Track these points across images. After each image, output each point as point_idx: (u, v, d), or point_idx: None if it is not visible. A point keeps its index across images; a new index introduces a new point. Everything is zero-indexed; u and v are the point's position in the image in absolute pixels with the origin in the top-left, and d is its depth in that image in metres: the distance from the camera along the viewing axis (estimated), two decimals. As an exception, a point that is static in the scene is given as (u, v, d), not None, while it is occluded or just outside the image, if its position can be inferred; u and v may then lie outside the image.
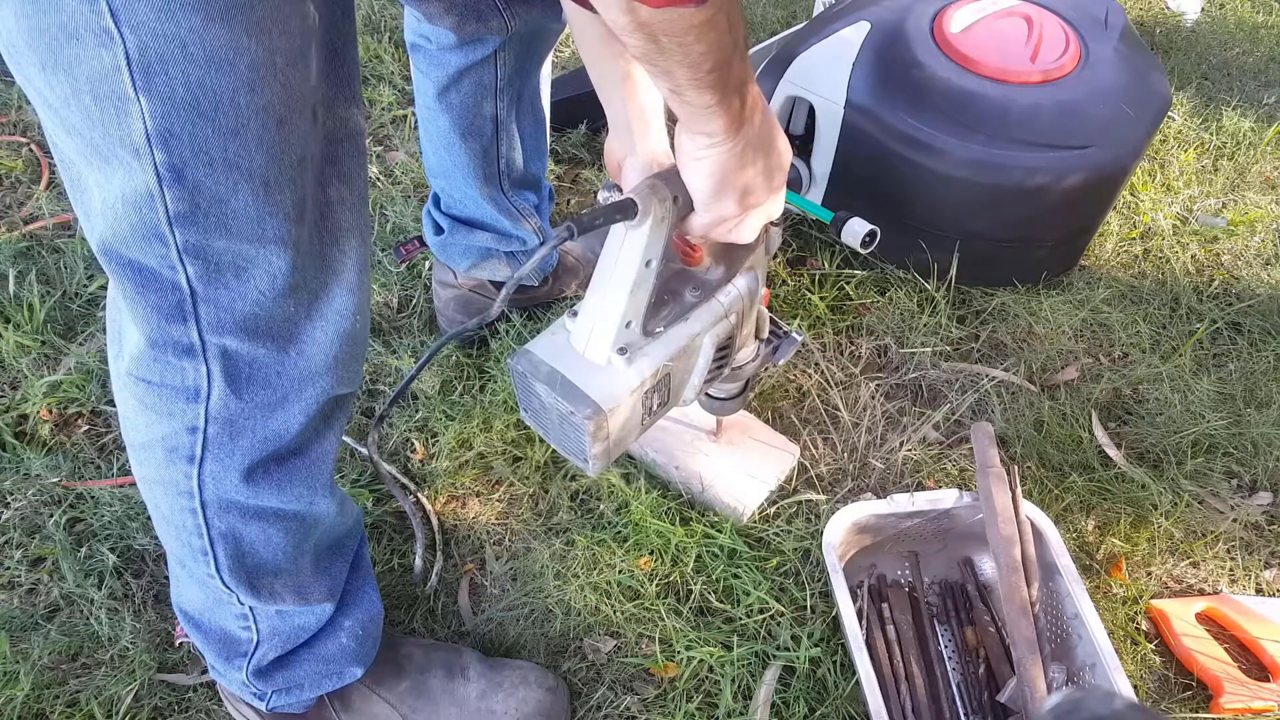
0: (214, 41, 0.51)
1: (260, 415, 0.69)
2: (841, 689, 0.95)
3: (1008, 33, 1.31)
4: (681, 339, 0.76)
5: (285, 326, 0.66)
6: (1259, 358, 1.31)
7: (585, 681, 0.98)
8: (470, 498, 1.13)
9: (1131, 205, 1.54)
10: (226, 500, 0.72)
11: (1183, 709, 0.97)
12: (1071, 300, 1.37)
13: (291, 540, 0.77)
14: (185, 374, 0.66)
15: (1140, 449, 1.20)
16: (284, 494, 0.74)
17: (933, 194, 1.26)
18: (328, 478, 0.78)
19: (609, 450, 0.75)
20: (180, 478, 0.71)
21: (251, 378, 0.67)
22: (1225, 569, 1.09)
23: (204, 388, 0.66)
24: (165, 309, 0.62)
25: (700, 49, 0.52)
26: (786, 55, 1.31)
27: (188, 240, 0.59)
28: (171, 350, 0.65)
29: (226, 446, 0.69)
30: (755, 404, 1.22)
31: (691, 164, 0.64)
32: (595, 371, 0.72)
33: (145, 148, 0.54)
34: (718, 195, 0.65)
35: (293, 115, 0.58)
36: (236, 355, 0.66)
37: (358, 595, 0.86)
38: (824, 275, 1.38)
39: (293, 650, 0.83)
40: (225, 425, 0.68)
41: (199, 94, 0.53)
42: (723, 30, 0.52)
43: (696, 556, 1.05)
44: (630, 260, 0.67)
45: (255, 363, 0.67)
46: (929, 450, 1.18)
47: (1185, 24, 2.02)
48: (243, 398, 0.67)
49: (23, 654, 0.97)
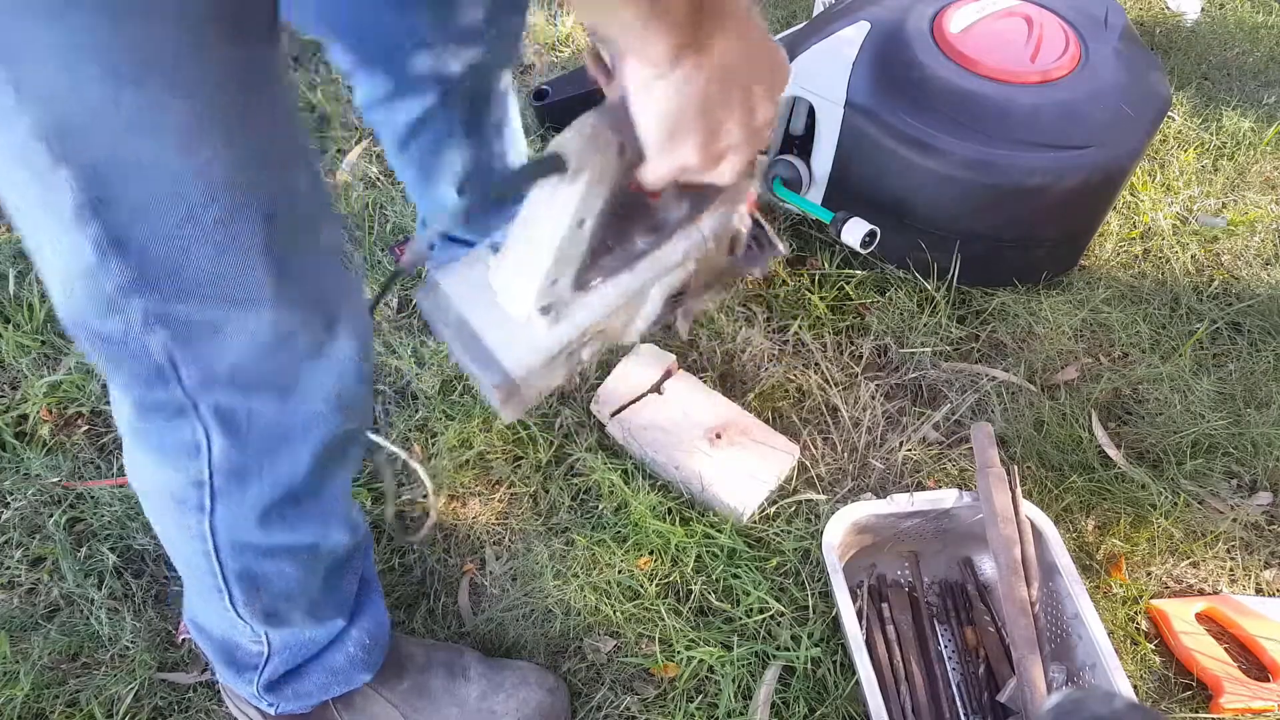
0: (130, 106, 0.47)
1: (268, 462, 0.66)
2: (841, 689, 0.95)
3: (1007, 33, 1.31)
4: (621, 293, 0.61)
5: (281, 376, 0.62)
6: (1259, 358, 1.31)
7: (585, 681, 0.98)
8: (470, 498, 1.13)
9: (1131, 205, 1.54)
10: (240, 543, 0.71)
11: (1183, 709, 0.97)
12: (1071, 300, 1.37)
13: (306, 570, 0.76)
14: (181, 432, 0.62)
15: (1140, 449, 1.20)
16: (299, 532, 0.73)
17: (933, 194, 1.26)
18: (344, 511, 0.77)
19: (522, 405, 0.63)
20: (192, 524, 0.69)
21: (252, 428, 0.64)
22: (1225, 569, 1.09)
23: (203, 443, 0.63)
24: (144, 376, 0.59)
25: None
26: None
27: (147, 308, 0.55)
28: (161, 414, 0.62)
29: (236, 496, 0.67)
30: (755, 404, 1.22)
31: (635, 99, 0.50)
32: (511, 328, 0.60)
33: (79, 218, 0.50)
34: (671, 141, 0.51)
35: (241, 173, 0.53)
36: (231, 409, 0.62)
37: (365, 605, 0.86)
38: (824, 275, 1.38)
39: (303, 662, 0.83)
40: (231, 476, 0.66)
41: (125, 160, 0.49)
42: None
43: (696, 556, 1.05)
44: (559, 220, 0.55)
45: (253, 413, 0.63)
46: (929, 450, 1.18)
47: (1185, 24, 2.01)
48: (246, 449, 0.64)
49: (23, 654, 0.97)
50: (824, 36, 1.30)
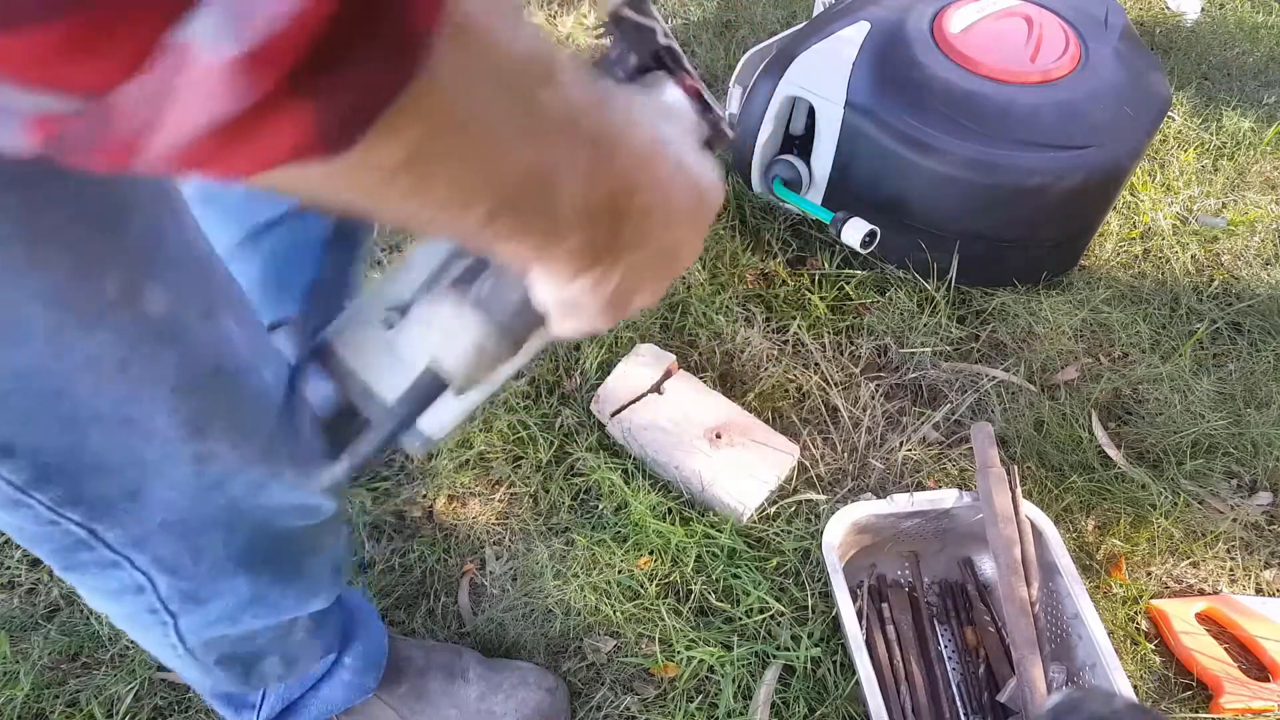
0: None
1: (225, 578, 0.61)
2: (841, 689, 0.95)
3: (1007, 33, 1.31)
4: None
5: (218, 516, 0.57)
6: (1259, 358, 1.31)
7: (585, 681, 0.98)
8: (470, 498, 1.13)
9: (1131, 205, 1.54)
10: (214, 639, 0.67)
11: (1183, 709, 0.97)
12: (1071, 300, 1.37)
13: (290, 636, 0.73)
14: (121, 580, 0.57)
15: (1140, 449, 1.20)
16: (279, 611, 0.68)
17: (933, 194, 1.26)
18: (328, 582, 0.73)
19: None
20: (158, 636, 0.64)
21: (201, 560, 0.59)
22: (1225, 569, 1.09)
23: (145, 584, 0.58)
24: (66, 548, 0.54)
25: (420, 200, 0.28)
26: (786, 55, 1.31)
27: (54, 497, 0.50)
28: (92, 572, 0.56)
29: (196, 612, 0.62)
30: (755, 404, 1.22)
31: (534, 289, 0.41)
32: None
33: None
34: (575, 324, 0.42)
35: (135, 349, 0.47)
36: (172, 553, 0.57)
37: (355, 631, 0.84)
38: (824, 275, 1.38)
39: (299, 696, 0.82)
40: (184, 598, 0.61)
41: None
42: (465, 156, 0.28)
43: (696, 556, 1.05)
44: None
45: (200, 549, 0.58)
46: (929, 450, 1.18)
47: (1185, 24, 2.01)
48: (194, 576, 0.59)
49: (23, 654, 0.97)
50: (824, 36, 1.30)
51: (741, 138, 1.35)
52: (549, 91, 0.29)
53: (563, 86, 0.29)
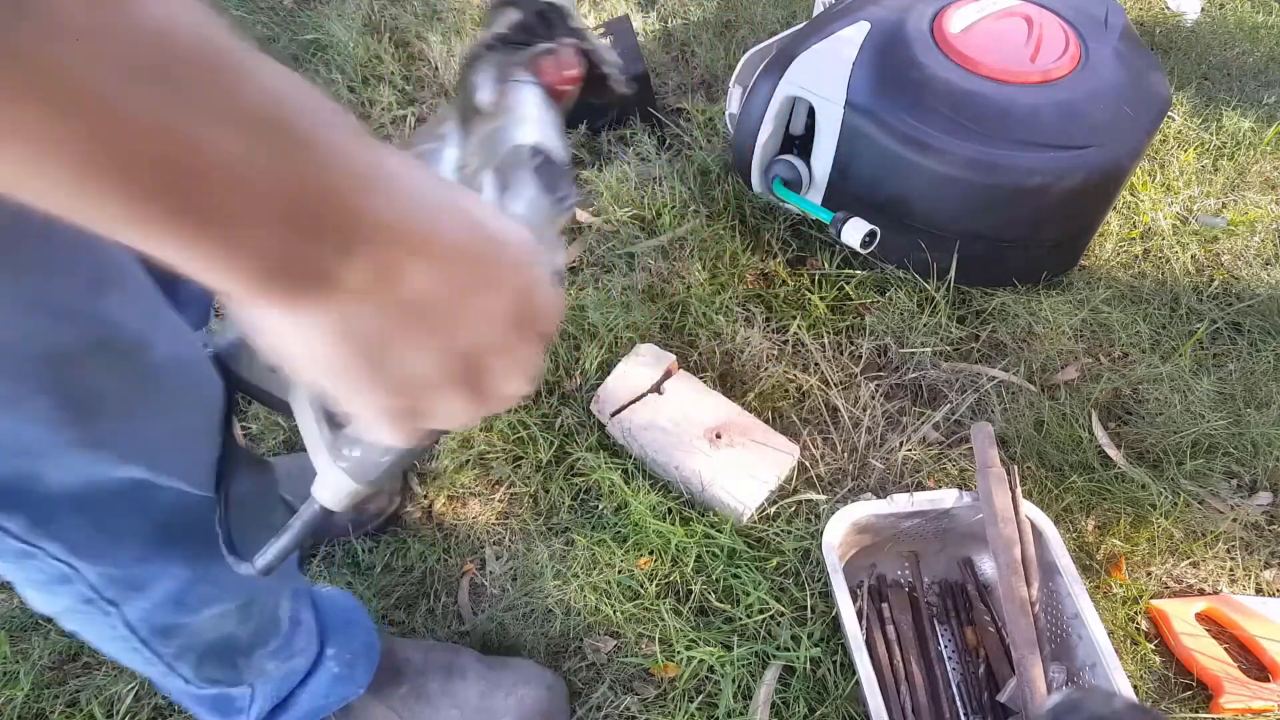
0: None
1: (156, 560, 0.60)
2: (841, 689, 0.95)
3: (1007, 33, 1.31)
4: None
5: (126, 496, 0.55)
6: (1259, 358, 1.31)
7: (585, 681, 0.98)
8: (470, 498, 1.13)
9: (1131, 205, 1.54)
10: (166, 626, 0.64)
11: (1183, 709, 0.97)
12: (1071, 300, 1.37)
13: (252, 621, 0.71)
14: (43, 570, 0.55)
15: (1140, 449, 1.20)
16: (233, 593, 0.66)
17: (933, 194, 1.26)
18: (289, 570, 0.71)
19: None
20: (106, 630, 0.62)
21: (117, 542, 0.57)
22: (1225, 569, 1.09)
23: (69, 572, 0.56)
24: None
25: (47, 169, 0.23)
26: (786, 55, 1.31)
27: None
28: (10, 560, 0.55)
29: (139, 599, 0.60)
30: (755, 404, 1.22)
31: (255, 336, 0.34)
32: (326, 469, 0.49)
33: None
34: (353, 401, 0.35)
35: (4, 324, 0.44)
36: (79, 540, 0.55)
37: (334, 621, 0.83)
38: (824, 275, 1.38)
39: (288, 694, 0.80)
40: (120, 585, 0.59)
41: None
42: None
43: (696, 556, 1.05)
44: None
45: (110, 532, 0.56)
46: (929, 450, 1.18)
47: (1185, 24, 2.01)
48: (120, 561, 0.57)
49: (23, 654, 0.97)
50: (824, 36, 1.30)
51: (741, 138, 1.35)
52: (214, 73, 0.25)
53: (243, 68, 0.25)
